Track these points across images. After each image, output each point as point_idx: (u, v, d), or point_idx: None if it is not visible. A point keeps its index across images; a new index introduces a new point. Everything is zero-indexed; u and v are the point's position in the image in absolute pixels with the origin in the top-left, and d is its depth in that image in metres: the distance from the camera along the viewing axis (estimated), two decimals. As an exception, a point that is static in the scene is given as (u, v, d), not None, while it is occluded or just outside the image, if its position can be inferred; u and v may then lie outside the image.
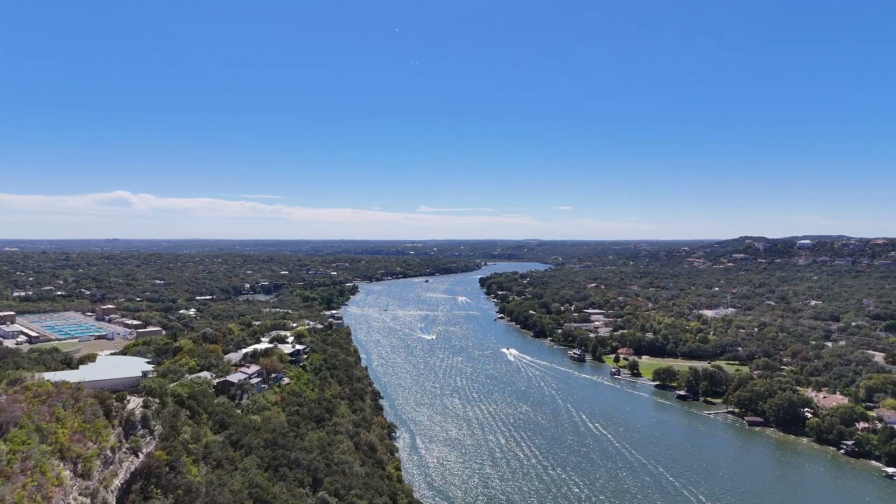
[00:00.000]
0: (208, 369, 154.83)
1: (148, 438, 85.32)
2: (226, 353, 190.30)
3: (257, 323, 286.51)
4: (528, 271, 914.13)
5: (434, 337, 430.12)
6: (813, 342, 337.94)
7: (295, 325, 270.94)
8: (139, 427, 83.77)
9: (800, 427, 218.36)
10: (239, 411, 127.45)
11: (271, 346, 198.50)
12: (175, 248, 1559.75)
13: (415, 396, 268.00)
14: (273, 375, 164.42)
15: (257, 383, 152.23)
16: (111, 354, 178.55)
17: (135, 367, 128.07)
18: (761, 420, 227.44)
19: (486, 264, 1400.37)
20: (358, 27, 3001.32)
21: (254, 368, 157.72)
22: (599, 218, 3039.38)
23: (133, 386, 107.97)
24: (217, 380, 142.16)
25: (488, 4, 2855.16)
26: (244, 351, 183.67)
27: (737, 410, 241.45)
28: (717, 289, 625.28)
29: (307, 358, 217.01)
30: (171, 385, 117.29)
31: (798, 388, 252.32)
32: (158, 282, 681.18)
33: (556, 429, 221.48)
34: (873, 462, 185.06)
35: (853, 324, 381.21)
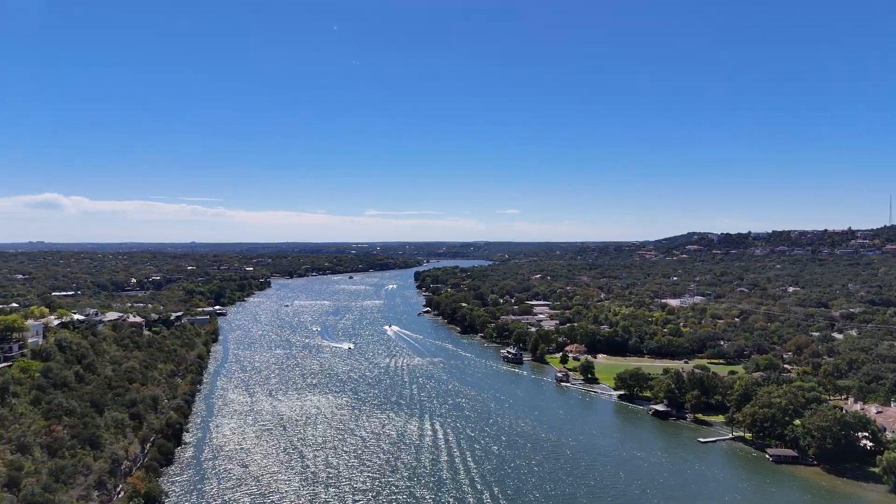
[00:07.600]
0: None
1: None
2: None
3: None
4: (470, 266, 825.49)
5: (334, 340, 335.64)
6: (816, 333, 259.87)
7: (53, 315, 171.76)
8: None
9: (857, 465, 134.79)
10: None
11: None
12: (101, 251, 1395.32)
13: (252, 423, 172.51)
14: None
15: None
16: None
17: None
18: (794, 454, 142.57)
19: (428, 261, 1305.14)
20: (296, 21, 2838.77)
21: None
22: (545, 221, 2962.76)
23: None
24: None
25: (440, 8, 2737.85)
26: None
27: (748, 436, 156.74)
28: (675, 278, 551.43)
29: None
30: None
31: (825, 396, 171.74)
32: (19, 276, 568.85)
33: (452, 486, 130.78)
34: None
35: (855, 311, 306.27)
